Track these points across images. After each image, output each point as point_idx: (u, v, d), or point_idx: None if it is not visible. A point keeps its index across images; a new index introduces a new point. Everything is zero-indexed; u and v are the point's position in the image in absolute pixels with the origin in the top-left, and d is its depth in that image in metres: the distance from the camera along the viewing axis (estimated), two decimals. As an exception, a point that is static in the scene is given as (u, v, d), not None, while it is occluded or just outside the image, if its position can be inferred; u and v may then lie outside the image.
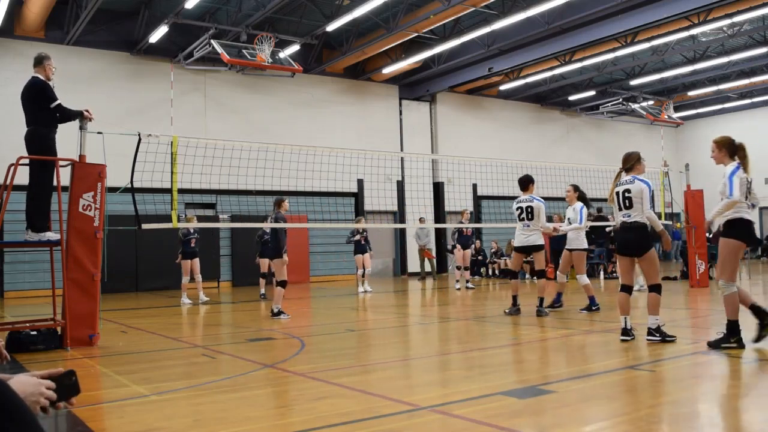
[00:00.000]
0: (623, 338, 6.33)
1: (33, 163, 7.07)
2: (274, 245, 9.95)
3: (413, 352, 6.90)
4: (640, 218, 6.25)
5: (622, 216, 6.38)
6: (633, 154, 6.50)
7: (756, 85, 25.05)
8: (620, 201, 6.37)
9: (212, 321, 10.42)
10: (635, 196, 6.25)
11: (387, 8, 16.52)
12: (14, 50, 16.30)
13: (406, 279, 20.36)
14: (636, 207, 6.25)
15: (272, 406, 4.39)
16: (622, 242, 6.45)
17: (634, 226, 6.28)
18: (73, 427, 3.85)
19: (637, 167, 6.45)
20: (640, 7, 16.02)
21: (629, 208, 6.30)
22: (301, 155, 12.94)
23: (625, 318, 6.38)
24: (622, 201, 6.34)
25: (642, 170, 6.48)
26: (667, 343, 6.08)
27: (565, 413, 3.84)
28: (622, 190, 6.36)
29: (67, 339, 6.88)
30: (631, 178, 6.40)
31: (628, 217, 6.31)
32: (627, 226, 6.33)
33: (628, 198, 6.30)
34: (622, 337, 6.34)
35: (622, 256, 6.47)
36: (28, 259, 15.67)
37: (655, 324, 6.19)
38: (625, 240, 6.38)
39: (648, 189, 6.24)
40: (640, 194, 6.23)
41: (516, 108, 25.71)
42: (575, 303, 10.32)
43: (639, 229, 6.28)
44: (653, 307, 6.22)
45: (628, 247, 6.38)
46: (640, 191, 6.23)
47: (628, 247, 6.38)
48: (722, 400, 4.23)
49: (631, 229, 6.30)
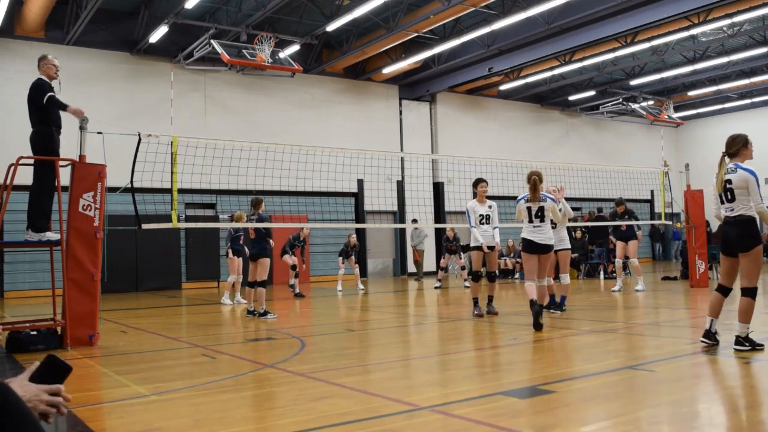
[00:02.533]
0: (703, 341, 5.76)
1: (36, 163, 7.08)
2: (260, 246, 9.96)
3: (413, 352, 6.90)
4: (745, 211, 5.55)
5: (724, 210, 5.70)
6: (740, 137, 5.80)
7: (756, 85, 25.05)
8: (722, 192, 5.70)
9: (212, 321, 10.42)
10: (738, 187, 5.57)
11: (387, 8, 16.52)
12: (14, 50, 16.31)
13: (406, 279, 20.37)
14: (740, 200, 5.57)
15: (272, 406, 4.39)
16: (724, 240, 5.76)
17: (738, 220, 5.58)
18: (73, 427, 3.85)
19: (743, 152, 5.76)
20: (640, 7, 16.01)
21: (732, 201, 5.62)
22: (301, 155, 12.94)
23: (711, 320, 5.77)
24: (724, 192, 5.67)
25: (749, 156, 5.79)
26: (756, 351, 5.52)
27: (565, 413, 3.84)
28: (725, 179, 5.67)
29: (67, 339, 6.87)
30: (733, 165, 5.69)
31: (731, 212, 5.63)
32: (730, 221, 5.64)
33: (729, 189, 5.62)
34: (703, 340, 5.77)
35: (724, 255, 5.79)
36: (28, 259, 15.67)
37: (744, 332, 5.57)
38: (726, 236, 5.70)
39: (754, 179, 5.54)
40: (745, 184, 5.54)
41: (516, 108, 25.71)
42: (576, 303, 10.34)
43: (742, 224, 5.55)
44: (745, 313, 5.55)
45: (730, 244, 5.67)
46: (745, 181, 5.54)
47: (730, 244, 5.67)
48: (722, 400, 4.23)
49: (734, 224, 5.60)
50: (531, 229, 8.03)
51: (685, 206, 13.30)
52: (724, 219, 5.73)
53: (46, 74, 7.19)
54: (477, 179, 9.45)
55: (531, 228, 8.03)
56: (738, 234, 5.57)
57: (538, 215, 8.03)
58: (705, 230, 13.46)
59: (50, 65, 7.25)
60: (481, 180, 9.42)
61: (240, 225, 11.32)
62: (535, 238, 8.00)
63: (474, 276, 9.32)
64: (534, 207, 8.03)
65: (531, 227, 8.03)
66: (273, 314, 9.80)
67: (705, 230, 13.46)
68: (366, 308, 11.80)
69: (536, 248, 8.01)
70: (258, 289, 9.90)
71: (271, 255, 10.25)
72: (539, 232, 8.01)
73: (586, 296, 12.40)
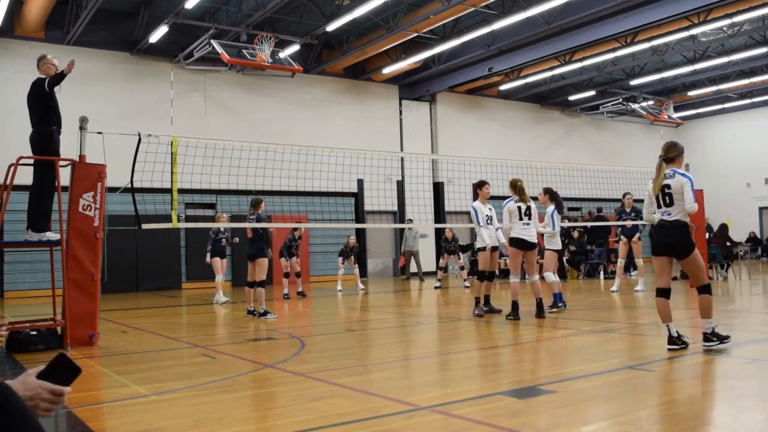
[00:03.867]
0: (671, 347, 5.69)
1: (36, 163, 7.08)
2: (257, 246, 9.96)
3: (413, 352, 6.90)
4: (681, 216, 5.72)
5: (661, 214, 5.84)
6: (677, 146, 5.95)
7: (756, 85, 25.05)
8: (660, 197, 5.84)
9: (212, 321, 10.42)
10: (677, 192, 5.71)
11: (387, 8, 16.52)
12: (14, 50, 16.31)
13: (407, 279, 20.35)
14: (678, 204, 5.72)
15: (272, 406, 4.39)
16: (660, 241, 5.88)
17: (675, 224, 5.72)
18: (73, 427, 3.85)
19: (678, 160, 5.92)
20: (640, 7, 16.02)
21: (669, 205, 5.77)
22: (301, 155, 12.94)
23: (668, 325, 5.77)
24: (662, 197, 5.82)
25: (680, 166, 5.96)
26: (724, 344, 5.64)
27: (565, 413, 3.84)
28: (663, 185, 5.80)
29: (67, 339, 6.88)
30: (671, 171, 5.83)
31: (668, 215, 5.78)
32: (667, 225, 5.78)
33: (668, 194, 5.76)
34: (670, 346, 5.70)
35: (659, 256, 5.87)
36: (28, 259, 15.67)
37: (710, 328, 5.68)
38: (665, 240, 5.82)
39: (690, 183, 5.68)
40: (681, 188, 5.68)
41: (516, 108, 25.71)
42: (576, 303, 10.34)
43: (680, 228, 5.72)
44: (706, 310, 5.67)
45: (669, 248, 5.81)
46: (682, 185, 5.68)
47: (669, 248, 5.81)
48: (722, 400, 4.22)
49: (672, 228, 5.74)
50: (521, 227, 8.66)
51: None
52: (659, 222, 5.88)
53: (46, 74, 7.19)
54: (481, 181, 9.61)
55: (521, 226, 8.66)
56: (677, 239, 5.75)
57: (527, 213, 8.69)
58: (705, 230, 13.47)
59: (49, 65, 7.24)
60: (485, 182, 9.57)
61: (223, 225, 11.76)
62: (525, 236, 8.66)
63: (482, 276, 9.38)
64: (523, 206, 8.69)
65: (521, 225, 8.67)
66: (273, 314, 9.80)
67: (705, 230, 13.47)
68: (366, 308, 11.80)
69: (525, 245, 8.67)
70: (257, 289, 9.90)
71: (270, 255, 10.29)
72: (528, 231, 8.70)
73: (586, 296, 12.40)
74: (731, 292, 12.17)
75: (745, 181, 28.27)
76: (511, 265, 8.77)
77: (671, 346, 5.69)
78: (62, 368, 1.77)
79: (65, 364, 1.78)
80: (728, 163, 28.54)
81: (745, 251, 21.64)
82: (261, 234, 9.98)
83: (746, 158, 28.15)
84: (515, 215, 8.67)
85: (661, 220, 5.83)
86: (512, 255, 8.75)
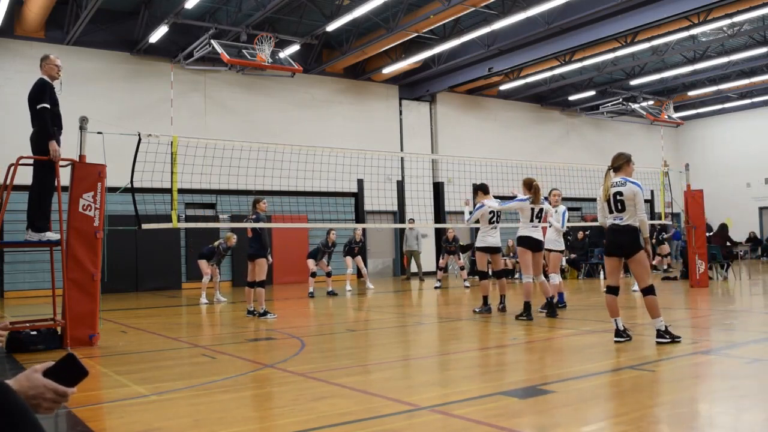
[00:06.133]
0: (617, 339, 6.31)
1: (36, 163, 7.08)
2: (257, 246, 9.96)
3: (413, 352, 6.90)
4: (633, 222, 6.24)
5: (613, 218, 6.35)
6: (623, 155, 6.51)
7: (756, 85, 25.05)
8: (612, 203, 6.33)
9: (212, 321, 10.43)
10: (628, 198, 6.23)
11: (387, 8, 16.52)
12: (14, 50, 16.30)
13: (407, 279, 20.34)
14: (629, 210, 6.24)
15: (272, 406, 4.39)
16: (612, 243, 6.40)
17: (626, 229, 6.25)
18: (73, 427, 3.85)
19: (625, 168, 6.44)
20: (640, 7, 16.01)
21: (621, 211, 6.28)
22: (301, 155, 12.94)
23: (615, 320, 6.38)
24: (614, 203, 6.31)
25: (631, 173, 6.46)
26: (675, 343, 6.05)
27: (565, 413, 3.84)
28: (614, 192, 6.32)
29: (67, 339, 6.88)
30: (621, 179, 6.37)
31: (620, 220, 6.29)
32: (619, 229, 6.30)
33: (620, 201, 6.27)
34: (616, 339, 6.31)
35: (610, 256, 6.44)
36: (28, 259, 15.66)
37: (662, 325, 6.14)
38: (617, 242, 6.34)
39: (641, 192, 6.24)
40: (633, 198, 6.22)
41: (516, 108, 25.70)
42: (576, 303, 10.34)
43: (631, 232, 6.25)
44: (653, 309, 6.18)
45: (620, 248, 6.34)
46: (633, 194, 6.23)
47: (620, 248, 6.34)
48: (722, 400, 4.23)
49: (624, 232, 6.26)
50: (531, 227, 8.80)
51: (685, 206, 13.30)
52: (610, 226, 6.40)
53: (48, 74, 7.16)
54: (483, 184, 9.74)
55: (531, 226, 8.80)
56: (627, 241, 6.26)
57: (538, 216, 8.84)
58: (705, 230, 13.46)
59: (52, 65, 7.22)
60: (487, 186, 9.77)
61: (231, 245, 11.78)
62: (536, 236, 8.84)
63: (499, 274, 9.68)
64: (536, 209, 8.82)
65: (531, 226, 8.80)
66: (273, 314, 9.80)
67: (705, 230, 13.46)
68: (366, 308, 11.80)
69: (535, 245, 8.83)
70: (257, 289, 9.90)
71: (269, 255, 10.32)
72: (537, 231, 8.88)
73: (586, 296, 12.40)
74: (731, 292, 12.17)
75: (745, 181, 28.27)
76: (522, 264, 8.85)
77: (617, 339, 6.30)
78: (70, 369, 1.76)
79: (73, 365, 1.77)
80: (728, 163, 28.54)
81: (745, 251, 21.64)
82: (259, 234, 9.98)
83: (746, 158, 28.15)
84: (527, 215, 8.78)
85: (613, 224, 6.35)
86: (522, 254, 8.86)
